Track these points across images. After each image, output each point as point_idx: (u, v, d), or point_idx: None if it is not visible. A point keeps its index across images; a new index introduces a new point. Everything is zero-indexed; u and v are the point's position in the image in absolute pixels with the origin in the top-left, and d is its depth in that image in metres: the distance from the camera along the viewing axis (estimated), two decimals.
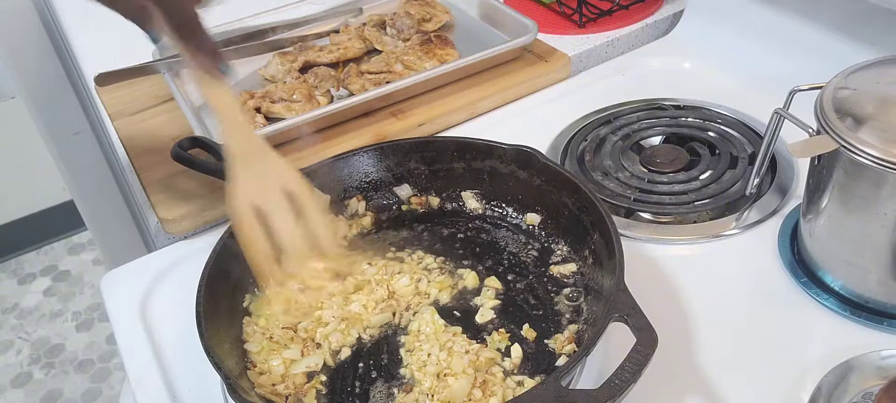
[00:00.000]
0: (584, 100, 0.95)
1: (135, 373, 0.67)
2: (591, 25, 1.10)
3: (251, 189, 0.64)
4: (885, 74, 0.62)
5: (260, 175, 0.65)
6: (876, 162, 0.57)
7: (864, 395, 0.56)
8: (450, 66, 0.96)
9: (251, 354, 0.62)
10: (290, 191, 0.65)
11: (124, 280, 0.76)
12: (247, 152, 0.65)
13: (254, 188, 0.64)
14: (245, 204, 0.64)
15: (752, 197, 0.76)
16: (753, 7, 0.96)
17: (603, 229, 0.63)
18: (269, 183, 0.65)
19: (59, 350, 2.15)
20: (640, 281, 0.58)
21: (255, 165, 0.65)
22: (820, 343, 0.63)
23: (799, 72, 0.74)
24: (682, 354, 0.63)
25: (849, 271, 0.64)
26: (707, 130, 0.87)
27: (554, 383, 0.50)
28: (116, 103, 0.99)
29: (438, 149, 0.76)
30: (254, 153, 0.65)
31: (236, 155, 0.65)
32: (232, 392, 0.53)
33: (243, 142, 0.66)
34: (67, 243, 2.49)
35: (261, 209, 0.64)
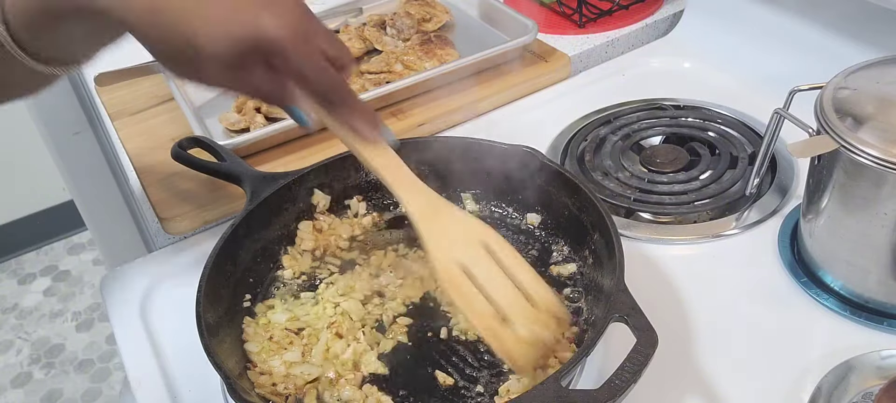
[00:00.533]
0: (584, 100, 0.95)
1: (135, 373, 0.67)
2: (591, 25, 1.10)
3: (449, 246, 0.58)
4: (885, 74, 0.62)
5: (451, 230, 0.60)
6: (876, 162, 0.57)
7: (864, 395, 0.56)
8: (450, 65, 0.96)
9: (251, 354, 0.62)
10: (485, 243, 0.59)
11: (124, 280, 0.76)
12: (433, 212, 0.60)
13: (451, 244, 0.59)
14: (452, 264, 0.57)
15: (752, 197, 0.76)
16: (753, 7, 0.96)
17: (603, 229, 0.63)
18: (464, 237, 0.59)
19: (59, 350, 2.15)
20: (640, 281, 0.58)
21: (443, 221, 0.60)
22: (820, 343, 0.63)
23: (799, 72, 0.74)
24: (682, 354, 0.63)
25: (849, 271, 0.64)
26: (707, 130, 0.87)
27: (554, 383, 0.50)
28: (116, 103, 0.99)
29: (438, 149, 0.75)
30: (439, 211, 0.61)
31: (423, 216, 0.60)
32: (232, 392, 0.53)
33: (426, 202, 0.61)
34: (67, 243, 2.49)
35: (466, 267, 0.57)
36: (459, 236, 0.59)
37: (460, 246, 0.59)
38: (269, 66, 0.53)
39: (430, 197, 0.61)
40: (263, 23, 0.50)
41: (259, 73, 0.53)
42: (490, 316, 0.56)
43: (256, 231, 0.69)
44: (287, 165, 0.84)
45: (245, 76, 0.53)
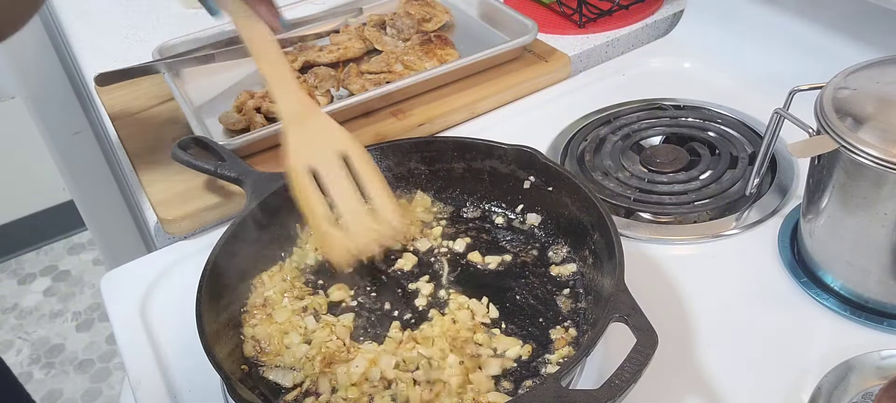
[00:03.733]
0: (584, 100, 0.95)
1: (135, 373, 0.67)
2: (591, 25, 1.10)
3: (305, 149, 0.64)
4: (885, 74, 0.62)
5: (313, 136, 0.64)
6: (876, 162, 0.57)
7: (864, 395, 0.56)
8: (450, 66, 0.96)
9: (260, 342, 0.63)
10: (343, 153, 0.64)
11: (124, 280, 0.76)
12: (299, 113, 0.65)
13: (308, 149, 0.64)
14: (300, 164, 0.63)
15: (752, 197, 0.76)
16: (753, 7, 0.96)
17: (603, 229, 0.63)
18: (324, 144, 0.64)
19: (59, 350, 2.15)
20: (640, 281, 0.58)
21: (309, 126, 0.65)
22: (820, 343, 0.63)
23: (799, 72, 0.74)
24: (682, 354, 0.63)
25: (849, 271, 0.64)
26: (707, 130, 0.87)
27: (554, 383, 0.50)
28: (116, 103, 0.99)
29: (438, 149, 0.76)
30: (306, 114, 0.65)
31: (290, 115, 0.64)
32: (232, 392, 0.53)
33: (295, 102, 0.65)
34: (67, 243, 2.49)
35: (316, 170, 0.63)
36: (319, 142, 0.65)
37: (317, 151, 0.64)
38: None
39: (301, 100, 0.66)
40: None
41: None
42: (323, 217, 0.63)
43: (256, 231, 0.69)
44: None
45: None
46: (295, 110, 0.65)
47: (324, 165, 0.64)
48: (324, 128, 0.66)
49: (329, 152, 0.64)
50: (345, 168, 0.64)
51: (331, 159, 0.64)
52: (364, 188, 0.64)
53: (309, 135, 0.65)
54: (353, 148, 0.65)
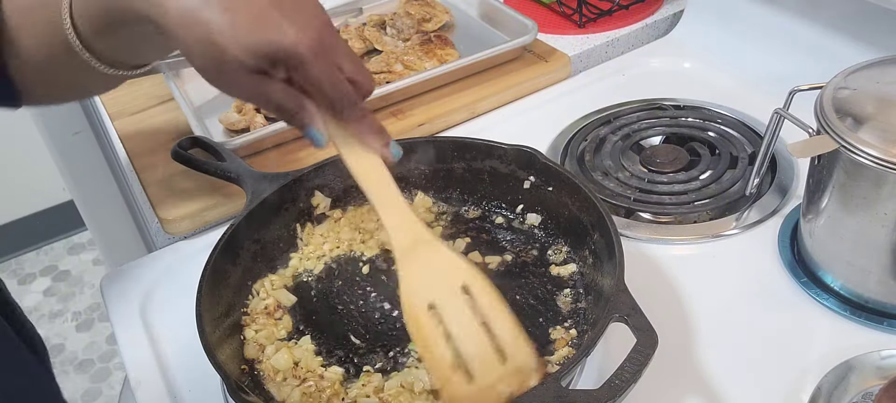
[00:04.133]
0: (584, 100, 0.95)
1: (135, 373, 0.67)
2: (591, 25, 1.10)
3: (424, 285, 0.57)
4: (885, 74, 0.62)
5: (432, 268, 0.58)
6: (876, 162, 0.57)
7: (864, 395, 0.56)
8: (450, 66, 0.96)
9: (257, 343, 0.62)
10: (466, 285, 0.56)
11: (124, 280, 0.76)
12: (415, 245, 0.58)
13: (426, 284, 0.57)
14: (419, 302, 0.56)
15: (752, 197, 0.76)
16: (753, 7, 0.96)
17: (603, 229, 0.63)
18: (443, 276, 0.57)
19: (59, 350, 2.14)
20: (640, 281, 0.58)
21: (425, 258, 0.58)
22: (820, 343, 0.63)
23: (799, 72, 0.74)
24: (682, 354, 0.63)
25: (849, 271, 0.64)
26: (707, 130, 0.87)
27: (554, 383, 0.50)
28: (116, 103, 0.99)
29: (438, 150, 0.75)
30: (422, 246, 0.59)
31: (404, 249, 0.58)
32: (232, 391, 0.53)
33: (411, 234, 0.59)
34: (67, 243, 2.49)
35: (437, 307, 0.55)
36: (437, 275, 0.57)
37: (435, 286, 0.57)
38: (289, 81, 0.55)
39: (416, 231, 0.59)
40: (286, 31, 0.52)
41: (279, 87, 0.55)
42: (447, 364, 0.53)
43: (256, 231, 0.69)
44: (287, 165, 0.84)
45: (265, 86, 0.55)
46: (408, 243, 0.58)
47: (444, 301, 0.56)
48: (442, 258, 0.58)
49: (448, 285, 0.56)
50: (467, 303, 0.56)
51: (451, 293, 0.56)
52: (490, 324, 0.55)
53: (426, 267, 0.58)
54: (476, 279, 0.57)
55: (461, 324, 0.55)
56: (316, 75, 0.54)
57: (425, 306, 0.56)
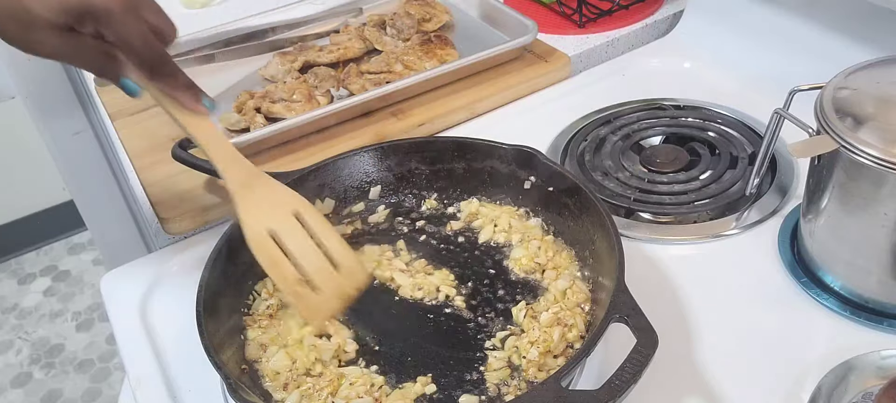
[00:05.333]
0: (584, 100, 0.95)
1: (135, 373, 0.67)
2: (591, 25, 1.10)
3: (261, 213, 0.63)
4: (885, 74, 0.62)
5: (265, 200, 0.64)
6: (876, 162, 0.57)
7: (864, 395, 0.56)
8: (450, 66, 0.96)
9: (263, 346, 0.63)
10: (296, 212, 0.64)
11: (124, 280, 0.76)
12: (247, 180, 0.64)
13: (264, 213, 0.63)
14: (261, 230, 0.62)
15: (752, 197, 0.76)
16: (753, 7, 0.96)
17: (603, 229, 0.63)
18: (276, 206, 0.64)
19: (59, 350, 2.14)
20: (640, 281, 0.58)
21: (258, 191, 0.64)
22: (820, 343, 0.63)
23: (799, 72, 0.74)
24: (682, 354, 0.63)
25: (849, 271, 0.64)
26: (707, 130, 0.87)
27: (554, 383, 0.50)
28: (116, 103, 0.99)
29: (438, 149, 0.76)
30: (253, 180, 0.65)
31: (238, 184, 0.64)
32: (232, 391, 0.53)
33: (241, 171, 0.65)
34: (67, 243, 2.49)
35: (274, 232, 0.63)
36: (272, 205, 0.64)
37: (272, 215, 0.63)
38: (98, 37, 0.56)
39: (247, 168, 0.65)
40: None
41: (89, 44, 0.57)
42: (293, 279, 0.61)
43: None
44: (287, 165, 0.84)
45: (76, 44, 0.56)
46: (242, 178, 0.64)
47: (281, 226, 0.63)
48: (274, 189, 0.65)
49: (283, 212, 0.64)
50: (300, 227, 0.64)
51: (286, 219, 0.64)
52: (322, 243, 0.64)
53: (260, 198, 0.64)
54: (304, 205, 0.65)
55: (299, 244, 0.63)
56: (125, 30, 0.56)
57: (266, 232, 0.63)
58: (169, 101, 0.63)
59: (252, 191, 0.64)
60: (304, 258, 0.62)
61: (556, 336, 0.59)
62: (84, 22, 0.55)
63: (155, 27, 0.58)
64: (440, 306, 0.66)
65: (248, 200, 0.64)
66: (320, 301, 0.62)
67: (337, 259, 0.63)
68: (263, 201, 0.64)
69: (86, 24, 0.55)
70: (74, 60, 0.58)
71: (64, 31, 0.55)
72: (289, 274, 0.62)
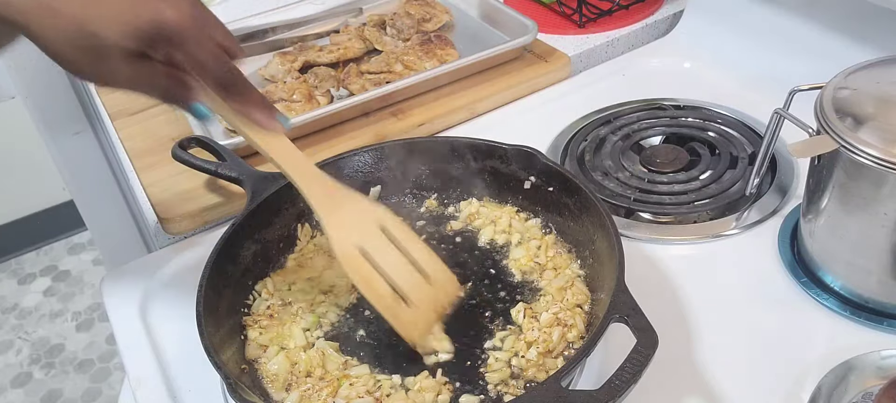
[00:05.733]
0: (584, 100, 0.95)
1: (135, 373, 0.67)
2: (591, 25, 1.10)
3: (350, 231, 0.61)
4: (885, 74, 0.62)
5: (351, 215, 0.62)
6: (876, 162, 0.57)
7: (864, 395, 0.56)
8: (450, 66, 0.96)
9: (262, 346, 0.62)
10: (382, 224, 0.62)
11: (124, 280, 0.76)
12: (330, 197, 0.62)
13: (352, 229, 0.61)
14: (352, 249, 0.60)
15: (752, 197, 0.76)
16: (753, 7, 0.96)
17: (603, 229, 0.63)
18: (363, 221, 0.62)
19: (59, 350, 2.14)
20: (640, 281, 0.58)
21: (344, 207, 0.62)
22: (820, 343, 0.63)
23: (799, 72, 0.74)
24: (682, 354, 0.63)
25: (849, 271, 0.64)
26: (707, 130, 0.87)
27: (554, 383, 0.50)
28: (116, 103, 0.99)
29: (438, 149, 0.76)
30: (337, 195, 0.63)
31: (321, 202, 0.62)
32: (232, 391, 0.53)
33: (323, 187, 0.63)
34: (67, 243, 2.49)
35: (364, 249, 0.61)
36: (358, 221, 0.62)
37: (359, 231, 0.61)
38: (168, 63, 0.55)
39: (327, 184, 0.63)
40: (162, 9, 0.52)
41: (161, 70, 0.56)
42: (389, 296, 0.60)
43: (256, 231, 0.69)
44: None
45: (147, 69, 0.55)
46: (324, 194, 0.62)
47: (370, 243, 0.61)
48: (358, 203, 0.63)
49: (370, 227, 0.62)
50: (388, 241, 0.62)
51: (375, 234, 0.62)
52: (410, 254, 0.62)
53: (346, 214, 0.62)
54: (389, 217, 0.63)
55: (390, 260, 0.61)
56: (198, 50, 0.55)
57: (357, 251, 0.61)
58: (242, 121, 0.61)
59: (337, 207, 0.62)
60: (398, 274, 0.60)
61: (555, 337, 0.59)
62: (156, 45, 0.53)
63: (223, 45, 0.57)
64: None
65: (334, 218, 0.61)
66: (417, 316, 0.60)
67: (427, 270, 0.62)
68: (349, 217, 0.62)
69: (158, 48, 0.54)
70: (148, 89, 0.56)
71: (136, 58, 0.53)
72: (384, 292, 0.60)
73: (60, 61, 0.53)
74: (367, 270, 0.60)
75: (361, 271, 0.60)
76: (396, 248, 0.62)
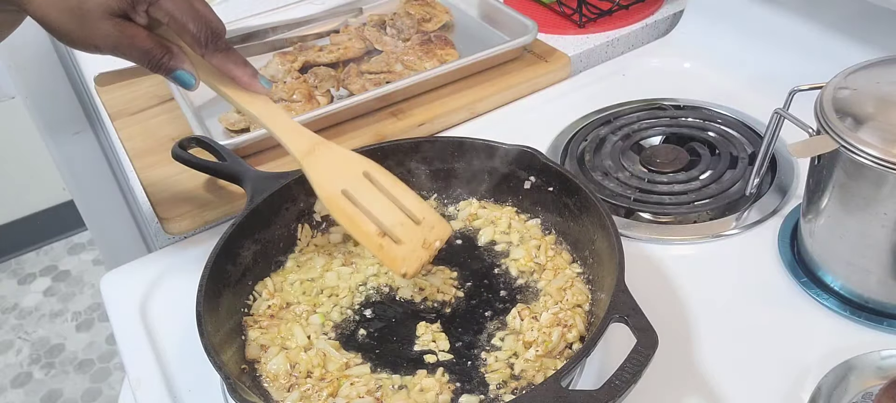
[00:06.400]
0: (584, 100, 0.95)
1: (135, 373, 0.67)
2: (591, 25, 1.10)
3: (333, 176, 0.64)
4: (885, 74, 0.62)
5: (334, 163, 0.65)
6: (876, 162, 0.57)
7: (864, 395, 0.56)
8: (450, 66, 0.96)
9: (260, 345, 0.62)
10: (367, 172, 0.65)
11: (124, 280, 0.76)
12: (312, 148, 0.65)
13: (335, 175, 0.64)
14: (335, 190, 0.63)
15: (752, 197, 0.76)
16: (753, 7, 0.96)
17: (603, 229, 0.63)
18: (346, 168, 0.65)
19: (59, 350, 2.15)
20: (640, 281, 0.58)
21: (326, 156, 0.65)
22: (820, 343, 0.63)
23: (799, 72, 0.74)
24: (682, 354, 0.63)
25: (849, 271, 0.64)
26: (707, 130, 0.87)
27: (554, 383, 0.50)
28: (116, 103, 0.99)
29: (438, 150, 0.76)
30: (319, 147, 0.65)
31: (304, 153, 0.64)
32: (232, 391, 0.53)
33: (305, 141, 0.65)
34: (67, 243, 2.49)
35: (348, 192, 0.63)
36: (341, 168, 0.65)
37: (343, 176, 0.64)
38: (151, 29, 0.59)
39: (310, 137, 0.65)
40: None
41: (143, 33, 0.58)
42: (375, 233, 0.62)
43: (256, 231, 0.69)
44: (287, 165, 0.84)
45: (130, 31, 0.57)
46: (307, 147, 0.65)
47: (353, 187, 0.64)
48: (338, 154, 0.66)
49: (352, 174, 0.64)
50: (373, 186, 0.64)
51: (358, 179, 0.64)
52: (398, 200, 0.64)
53: (329, 162, 0.65)
54: (371, 165, 0.65)
55: (374, 201, 0.64)
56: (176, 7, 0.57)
57: (339, 192, 0.63)
58: (224, 82, 0.63)
59: (320, 157, 0.65)
60: (382, 213, 0.63)
61: (555, 337, 0.59)
62: (137, 4, 0.56)
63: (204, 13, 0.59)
64: (440, 306, 0.66)
65: (317, 166, 0.64)
66: (406, 251, 0.62)
67: (415, 213, 0.64)
68: (332, 164, 0.65)
69: (139, 8, 0.56)
70: (131, 53, 0.58)
71: (118, 19, 0.56)
72: (369, 229, 0.62)
73: (46, 24, 0.56)
74: (351, 210, 0.63)
75: (346, 211, 0.63)
76: (382, 193, 0.64)
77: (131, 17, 0.57)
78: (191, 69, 0.61)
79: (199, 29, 0.59)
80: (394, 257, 0.62)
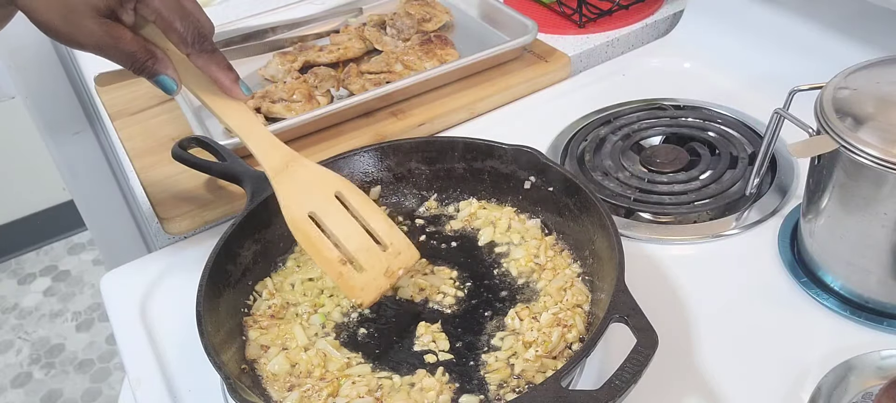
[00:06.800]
0: (584, 100, 0.95)
1: (135, 373, 0.67)
2: (591, 25, 1.10)
3: (302, 197, 0.63)
4: (885, 74, 0.62)
5: (305, 182, 0.64)
6: (876, 162, 0.57)
7: (864, 395, 0.56)
8: (450, 66, 0.96)
9: (261, 346, 0.62)
10: (339, 192, 0.64)
11: (124, 280, 0.76)
12: (285, 165, 0.64)
13: (303, 196, 0.63)
14: (299, 213, 0.62)
15: (752, 197, 0.76)
16: (753, 7, 0.96)
17: (603, 229, 0.63)
18: (316, 188, 0.64)
19: (59, 350, 2.15)
20: (640, 281, 0.58)
21: (298, 174, 0.64)
22: (820, 343, 0.63)
23: (799, 72, 0.74)
24: (682, 354, 0.63)
25: (849, 271, 0.64)
26: (707, 130, 0.87)
27: (554, 383, 0.50)
28: (116, 103, 0.99)
29: (438, 150, 0.76)
30: (292, 163, 0.65)
31: (275, 170, 0.64)
32: (232, 391, 0.53)
33: (279, 156, 0.65)
34: (67, 243, 2.49)
35: (315, 216, 0.63)
36: (312, 188, 0.64)
37: (312, 197, 0.63)
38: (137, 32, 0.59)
39: (285, 153, 0.65)
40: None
41: (129, 35, 0.58)
42: (335, 260, 0.61)
43: (256, 231, 0.69)
44: None
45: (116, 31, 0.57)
46: (279, 163, 0.64)
47: (321, 209, 0.63)
48: (312, 172, 0.65)
49: (323, 195, 0.64)
50: (342, 208, 0.64)
51: (327, 200, 0.64)
52: (366, 222, 0.64)
53: (300, 181, 0.64)
54: (345, 185, 0.65)
55: (340, 225, 0.63)
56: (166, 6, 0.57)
57: (305, 215, 0.63)
58: (205, 90, 0.63)
59: (291, 175, 0.64)
60: (346, 238, 0.62)
61: (555, 337, 0.59)
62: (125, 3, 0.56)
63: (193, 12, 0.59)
64: (440, 306, 0.66)
65: (286, 184, 0.64)
66: (366, 279, 0.62)
67: (383, 238, 0.63)
68: (303, 184, 0.64)
69: (126, 7, 0.56)
70: (117, 54, 0.58)
71: (104, 17, 0.56)
72: (330, 255, 0.61)
73: (33, 17, 0.56)
74: (315, 234, 0.62)
75: (309, 235, 0.62)
76: (350, 215, 0.64)
77: (119, 15, 0.57)
78: (174, 75, 0.61)
79: (186, 28, 0.59)
80: (352, 286, 0.61)
